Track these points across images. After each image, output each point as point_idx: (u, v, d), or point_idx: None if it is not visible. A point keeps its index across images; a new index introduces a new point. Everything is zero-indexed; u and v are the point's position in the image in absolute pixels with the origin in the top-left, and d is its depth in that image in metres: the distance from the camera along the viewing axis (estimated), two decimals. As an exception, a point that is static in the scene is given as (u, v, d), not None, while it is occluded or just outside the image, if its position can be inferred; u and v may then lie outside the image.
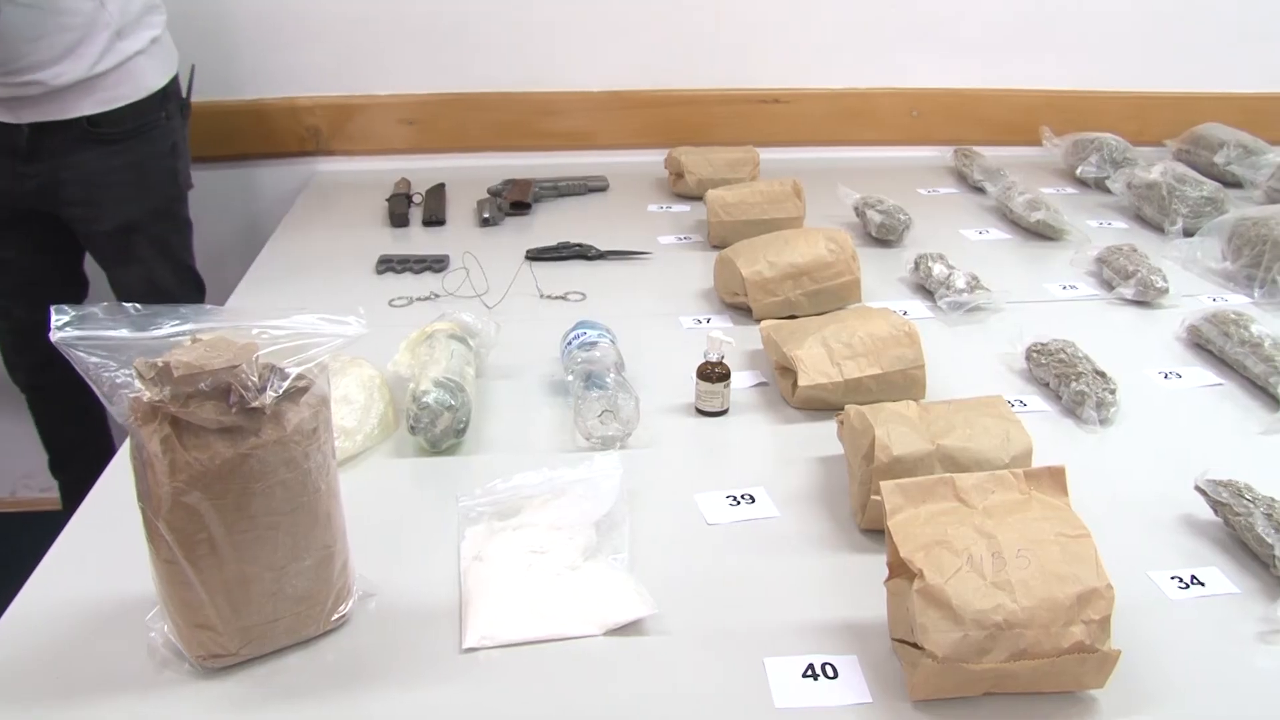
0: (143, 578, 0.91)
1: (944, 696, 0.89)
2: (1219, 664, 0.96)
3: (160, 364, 0.81)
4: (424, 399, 1.22)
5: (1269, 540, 1.05)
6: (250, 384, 0.83)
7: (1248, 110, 2.60)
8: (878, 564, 0.95)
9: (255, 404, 0.83)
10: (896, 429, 1.08)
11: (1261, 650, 0.98)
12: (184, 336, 0.85)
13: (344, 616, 0.97)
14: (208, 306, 0.99)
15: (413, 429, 1.22)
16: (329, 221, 2.00)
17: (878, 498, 0.97)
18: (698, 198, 1.93)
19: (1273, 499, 1.11)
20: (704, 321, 1.57)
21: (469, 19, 2.22)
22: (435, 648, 0.96)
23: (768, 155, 2.18)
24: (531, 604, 0.99)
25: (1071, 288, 1.73)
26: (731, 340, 1.30)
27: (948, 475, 0.95)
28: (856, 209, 1.93)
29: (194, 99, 1.91)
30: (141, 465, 0.84)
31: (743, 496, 1.16)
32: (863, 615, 0.98)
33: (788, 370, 1.32)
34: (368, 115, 2.26)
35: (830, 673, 0.92)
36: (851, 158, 2.40)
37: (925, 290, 1.67)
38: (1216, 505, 1.12)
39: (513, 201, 2.01)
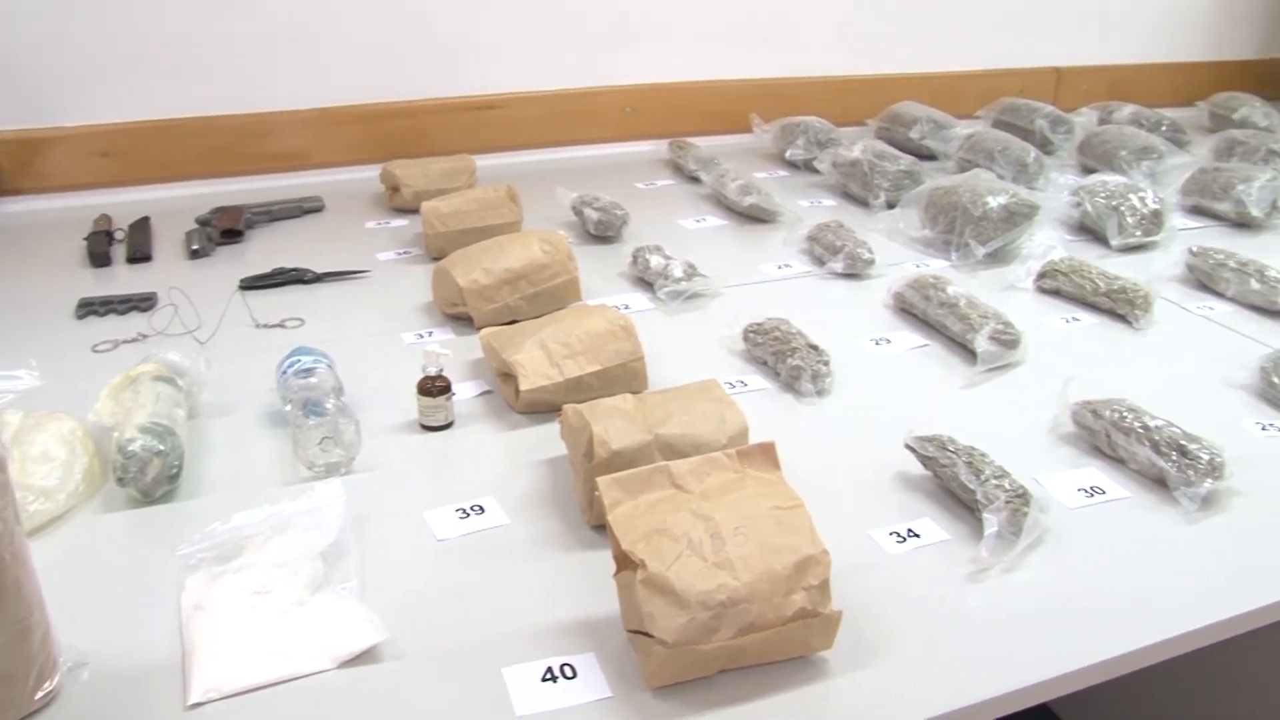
0: None
1: (680, 680, 0.90)
2: (937, 608, 1.01)
3: None
4: (130, 447, 1.15)
5: (971, 486, 1.12)
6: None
7: (937, 88, 2.78)
8: (608, 559, 0.95)
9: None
10: (614, 423, 1.08)
11: (971, 589, 1.04)
12: None
13: (50, 693, 0.90)
14: None
15: (121, 480, 1.15)
16: (19, 268, 1.85)
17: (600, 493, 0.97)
18: (415, 210, 1.90)
19: (973, 448, 1.17)
20: (426, 336, 1.54)
21: (167, 40, 2.10)
22: (158, 709, 0.90)
23: (486, 162, 2.17)
24: (258, 647, 0.95)
25: (786, 266, 1.80)
26: (448, 352, 1.28)
27: (664, 464, 0.96)
28: (574, 208, 1.95)
29: None
30: None
31: (472, 508, 1.14)
32: (597, 612, 0.98)
33: (509, 376, 1.31)
34: (57, 149, 2.11)
35: (569, 673, 0.92)
36: (570, 158, 2.42)
37: (645, 282, 1.70)
38: (924, 460, 1.18)
39: (223, 230, 1.93)
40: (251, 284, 1.72)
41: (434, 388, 1.27)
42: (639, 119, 2.48)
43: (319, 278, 1.74)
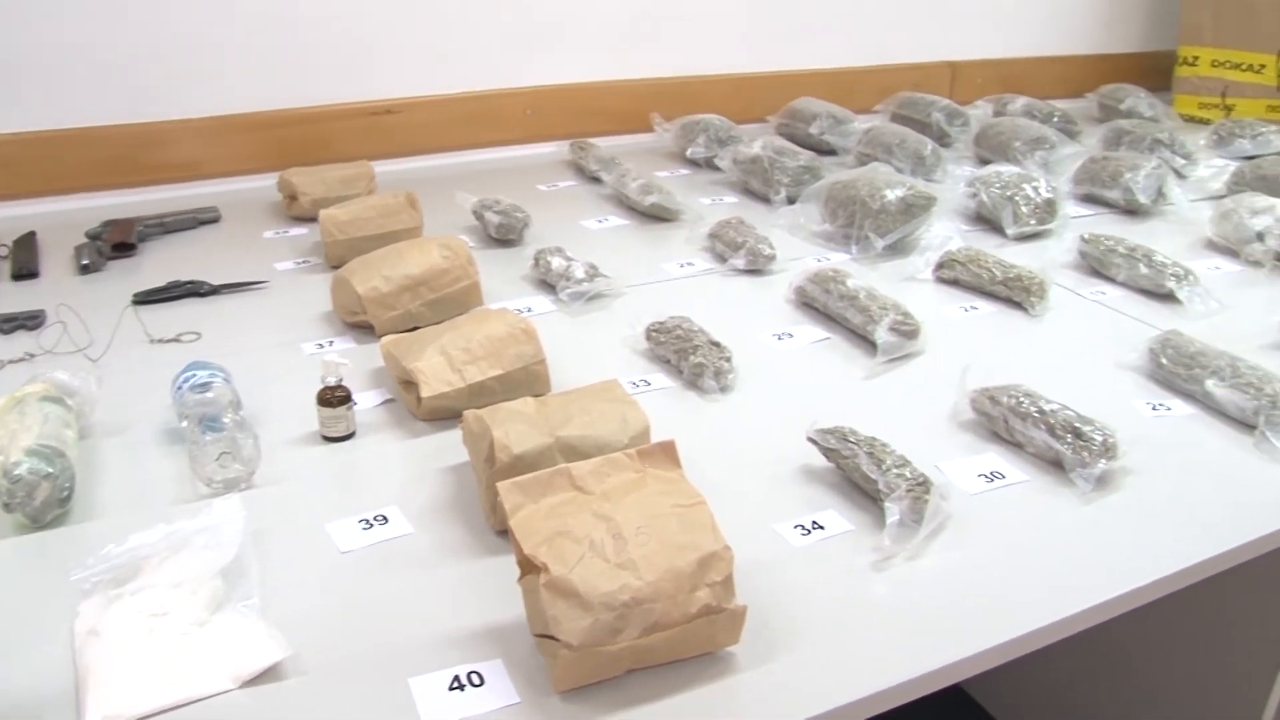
0: None
1: (588, 682, 0.90)
2: (843, 598, 1.02)
3: None
4: (16, 471, 1.11)
5: (873, 476, 1.13)
6: None
7: (836, 84, 2.82)
8: (514, 564, 0.95)
9: None
10: (515, 427, 1.08)
11: (876, 578, 1.05)
12: None
13: (-65, 729, 0.88)
14: None
15: (8, 506, 1.11)
16: (-105, 292, 1.79)
17: (503, 498, 0.96)
18: (314, 219, 1.87)
19: (874, 438, 1.19)
20: (326, 346, 1.52)
21: (52, 48, 2.03)
22: (52, 740, 0.88)
23: (386, 168, 2.15)
24: (157, 670, 0.92)
25: (688, 265, 1.80)
26: (347, 362, 1.26)
27: (564, 466, 0.96)
28: (475, 212, 1.93)
29: None
30: None
31: (375, 518, 1.13)
32: (504, 617, 0.98)
33: (411, 384, 1.30)
34: (-69, 164, 2.04)
35: (476, 680, 0.91)
36: (471, 162, 2.41)
37: (547, 284, 1.69)
38: (827, 452, 1.19)
39: (114, 244, 1.88)
40: (145, 298, 1.68)
41: (334, 398, 1.26)
42: (540, 121, 2.47)
43: (215, 290, 1.71)
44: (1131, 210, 2.25)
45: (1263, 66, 3.13)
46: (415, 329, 1.45)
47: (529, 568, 0.91)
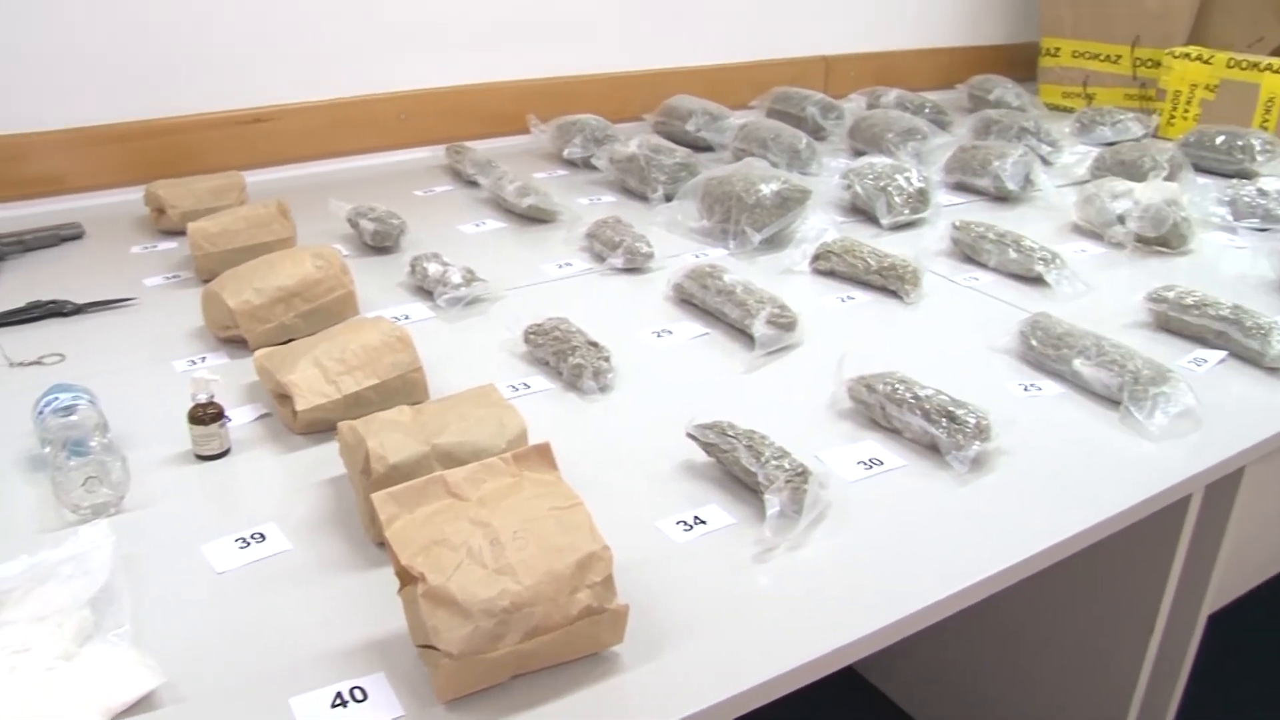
0: None
1: (473, 690, 0.89)
2: (727, 591, 1.03)
3: None
4: None
5: (752, 469, 1.14)
6: None
7: (712, 81, 2.84)
8: (395, 576, 0.94)
9: None
10: (390, 437, 1.06)
11: (759, 569, 1.06)
12: None
13: None
14: None
15: None
16: None
17: (381, 510, 0.95)
18: (183, 232, 1.82)
19: (753, 431, 1.20)
20: (198, 362, 1.48)
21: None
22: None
23: (257, 178, 2.10)
24: (19, 711, 0.89)
25: (567, 265, 1.80)
26: (217, 377, 1.23)
27: (439, 473, 0.95)
28: (350, 220, 1.90)
29: None
30: None
31: (252, 536, 1.10)
32: (387, 630, 0.96)
33: (286, 397, 1.27)
34: None
35: (359, 696, 0.90)
36: (344, 169, 2.37)
37: (425, 291, 1.67)
38: (706, 447, 1.20)
39: (-29, 265, 1.81)
40: (4, 320, 1.62)
41: (205, 415, 1.22)
42: (414, 125, 2.44)
43: (80, 309, 1.65)
44: (1001, 197, 2.31)
45: (1119, 57, 3.24)
46: (290, 341, 1.42)
47: (407, 578, 0.90)
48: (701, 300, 1.60)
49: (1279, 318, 1.62)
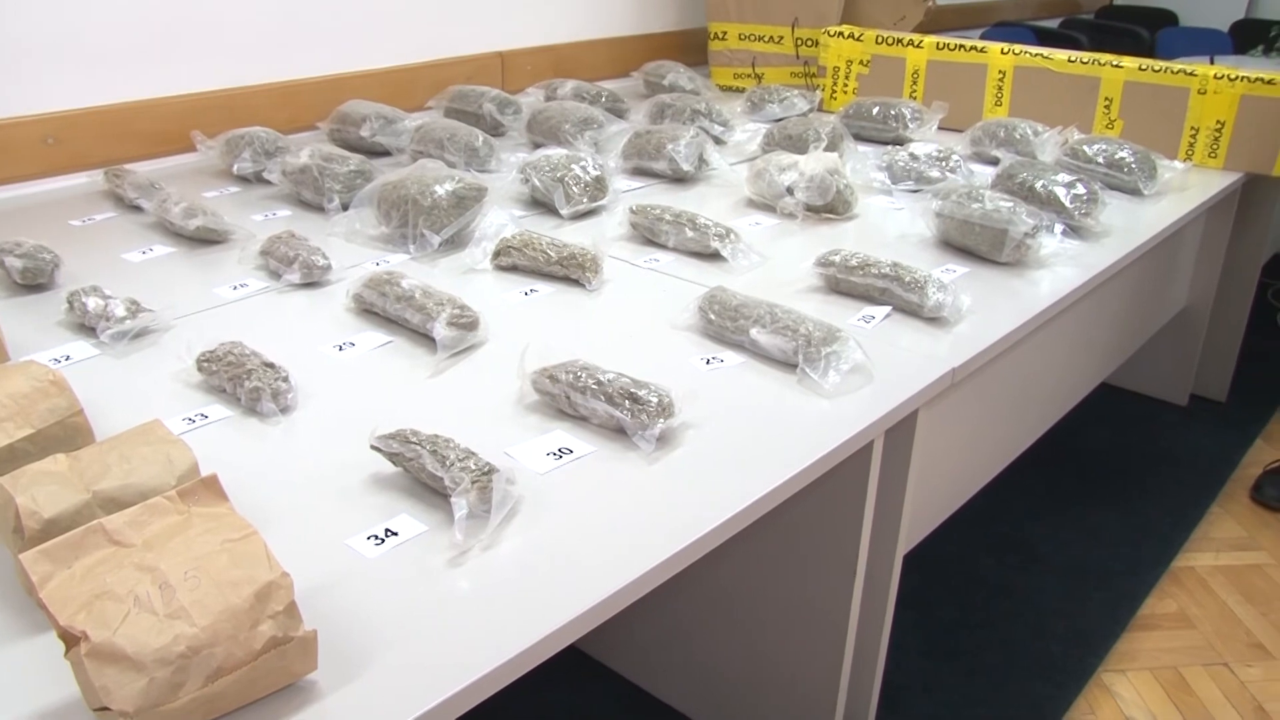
0: None
1: (160, 745, 0.85)
2: (425, 599, 1.02)
3: None
4: None
5: (438, 474, 1.14)
6: None
7: (390, 84, 2.80)
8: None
9: None
10: (43, 489, 0.99)
11: (456, 573, 1.05)
12: None
13: None
14: None
15: None
16: None
17: (36, 570, 0.89)
18: None
19: (436, 436, 1.19)
20: None
21: None
22: None
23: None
24: None
25: (242, 286, 1.73)
26: None
27: (98, 521, 0.89)
28: (-6, 258, 1.77)
29: None
30: None
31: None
32: (61, 698, 0.90)
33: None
34: None
35: (33, 771, 0.84)
36: (-16, 203, 2.20)
37: (87, 328, 1.57)
38: (391, 457, 1.19)
39: None
40: None
41: None
42: (65, 149, 2.27)
43: None
44: (678, 178, 2.39)
45: (781, 38, 3.41)
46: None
47: (71, 640, 0.84)
48: (382, 308, 1.58)
49: (934, 271, 1.75)
